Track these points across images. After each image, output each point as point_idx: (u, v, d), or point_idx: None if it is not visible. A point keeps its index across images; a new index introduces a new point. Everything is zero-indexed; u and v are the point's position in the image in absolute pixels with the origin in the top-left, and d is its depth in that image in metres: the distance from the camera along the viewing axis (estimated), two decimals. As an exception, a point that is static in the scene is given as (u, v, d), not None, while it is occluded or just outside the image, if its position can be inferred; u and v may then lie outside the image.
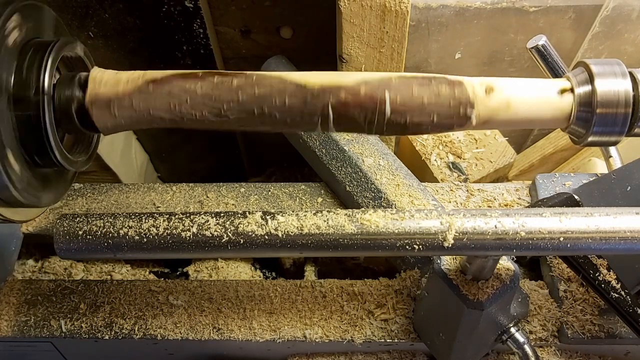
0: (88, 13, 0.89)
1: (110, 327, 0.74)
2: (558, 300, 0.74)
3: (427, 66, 1.01)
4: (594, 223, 0.49)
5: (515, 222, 0.49)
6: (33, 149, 0.49)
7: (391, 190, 0.78)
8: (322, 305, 0.74)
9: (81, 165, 0.55)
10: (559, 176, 0.83)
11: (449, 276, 0.60)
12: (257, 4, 0.91)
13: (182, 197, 0.84)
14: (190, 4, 0.87)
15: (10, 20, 0.46)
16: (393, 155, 0.83)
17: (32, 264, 0.84)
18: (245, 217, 0.49)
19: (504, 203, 0.83)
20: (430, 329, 0.70)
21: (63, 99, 0.50)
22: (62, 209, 0.83)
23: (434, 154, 0.97)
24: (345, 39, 0.78)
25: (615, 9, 0.94)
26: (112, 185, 0.86)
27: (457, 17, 0.92)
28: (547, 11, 0.93)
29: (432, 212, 0.49)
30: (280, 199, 0.83)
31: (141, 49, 0.96)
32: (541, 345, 0.73)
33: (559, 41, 0.98)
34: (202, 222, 0.50)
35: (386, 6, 0.73)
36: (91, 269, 0.84)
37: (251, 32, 0.97)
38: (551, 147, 1.10)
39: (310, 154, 0.85)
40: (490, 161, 0.97)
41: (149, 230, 0.50)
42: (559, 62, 0.75)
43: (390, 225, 0.48)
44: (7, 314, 0.74)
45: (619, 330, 0.71)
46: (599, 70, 0.50)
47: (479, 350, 0.69)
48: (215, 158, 1.28)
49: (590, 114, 0.50)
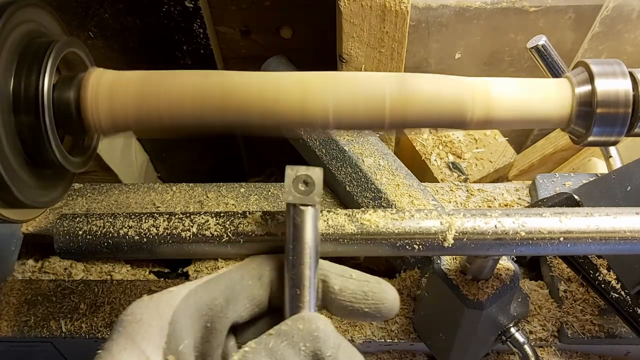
0: (88, 13, 0.89)
1: (110, 327, 0.74)
2: (558, 300, 0.74)
3: (427, 66, 1.01)
4: (594, 223, 0.49)
5: (515, 222, 0.49)
6: (33, 150, 0.49)
7: (391, 190, 0.78)
8: (322, 305, 0.74)
9: (81, 166, 0.54)
10: (559, 176, 0.83)
11: (449, 276, 0.60)
12: (257, 4, 0.91)
13: (182, 197, 0.84)
14: (190, 4, 0.87)
15: (11, 20, 0.46)
16: (393, 155, 0.83)
17: (32, 264, 0.84)
18: (245, 217, 0.49)
19: (504, 203, 0.83)
20: (430, 329, 0.70)
21: (62, 100, 0.50)
22: (62, 209, 0.83)
23: (434, 154, 0.97)
24: (345, 39, 0.78)
25: (615, 9, 0.94)
26: (112, 185, 0.86)
27: (457, 17, 0.92)
28: (547, 11, 0.93)
29: (432, 212, 0.49)
30: (280, 199, 0.83)
31: (141, 49, 0.96)
32: (541, 345, 0.73)
33: (559, 41, 0.98)
34: (202, 222, 0.50)
35: (386, 6, 0.73)
36: (91, 269, 0.84)
37: (251, 32, 0.97)
38: (551, 147, 1.10)
39: (310, 154, 0.85)
40: (490, 161, 0.97)
41: (149, 230, 0.50)
42: (559, 62, 0.75)
43: (390, 225, 0.48)
44: (7, 314, 0.74)
45: (619, 330, 0.71)
46: (599, 70, 0.50)
47: (479, 350, 0.69)
48: (215, 158, 1.28)
49: (590, 114, 0.50)
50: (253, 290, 0.44)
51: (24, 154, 0.49)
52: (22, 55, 0.48)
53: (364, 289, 0.45)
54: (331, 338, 0.41)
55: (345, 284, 0.45)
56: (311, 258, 0.44)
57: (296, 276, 0.44)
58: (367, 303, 0.44)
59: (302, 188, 0.44)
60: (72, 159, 0.53)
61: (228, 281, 0.44)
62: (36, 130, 0.48)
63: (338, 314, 0.45)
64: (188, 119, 0.51)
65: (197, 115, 0.51)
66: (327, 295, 0.45)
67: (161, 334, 0.40)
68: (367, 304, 0.44)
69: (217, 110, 0.51)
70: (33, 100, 0.47)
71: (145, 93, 0.50)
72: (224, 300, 0.42)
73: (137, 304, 0.42)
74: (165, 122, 0.51)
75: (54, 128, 0.49)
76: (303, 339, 0.40)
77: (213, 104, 0.50)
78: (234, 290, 0.43)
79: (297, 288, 0.44)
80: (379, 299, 0.44)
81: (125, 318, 0.41)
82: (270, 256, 0.46)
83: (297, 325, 0.41)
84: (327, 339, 0.40)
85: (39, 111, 0.47)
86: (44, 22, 0.52)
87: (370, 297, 0.44)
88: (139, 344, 0.40)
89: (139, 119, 0.51)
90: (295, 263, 0.44)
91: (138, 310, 0.42)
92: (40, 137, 0.48)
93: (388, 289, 0.45)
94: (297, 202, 0.44)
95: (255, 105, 0.50)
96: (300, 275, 0.44)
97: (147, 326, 0.40)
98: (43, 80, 0.47)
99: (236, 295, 0.43)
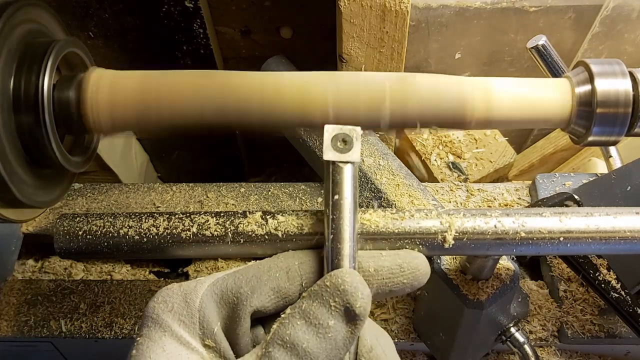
0: (88, 13, 0.89)
1: (110, 327, 0.74)
2: (558, 300, 0.74)
3: (427, 66, 1.01)
4: (594, 223, 0.49)
5: (515, 222, 0.49)
6: (33, 149, 0.49)
7: (391, 190, 0.78)
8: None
9: (81, 166, 0.54)
10: (559, 176, 0.83)
11: (449, 276, 0.60)
12: (257, 4, 0.91)
13: (182, 197, 0.84)
14: (190, 4, 0.87)
15: (11, 20, 0.46)
16: (393, 155, 0.83)
17: (32, 264, 0.84)
18: (245, 217, 0.49)
19: (504, 203, 0.83)
20: (430, 329, 0.70)
21: (63, 99, 0.50)
22: (62, 209, 0.83)
23: (434, 154, 0.97)
24: (345, 39, 0.78)
25: (615, 9, 0.94)
26: (112, 185, 0.86)
27: (457, 17, 0.92)
28: (547, 11, 0.93)
29: (432, 211, 0.49)
30: (280, 199, 0.83)
31: (141, 49, 0.96)
32: (541, 345, 0.73)
33: (559, 41, 0.98)
34: (202, 222, 0.50)
35: (386, 6, 0.73)
36: (91, 269, 0.84)
37: (251, 32, 0.97)
38: (551, 147, 1.10)
39: (310, 154, 0.85)
40: (490, 161, 0.97)
41: (149, 230, 0.50)
42: (559, 62, 0.75)
43: (390, 225, 0.48)
44: (7, 314, 0.74)
45: (619, 330, 0.71)
46: (598, 70, 0.50)
47: (479, 350, 0.69)
48: (215, 158, 1.28)
49: (590, 114, 0.50)
50: (279, 282, 0.44)
51: (24, 153, 0.49)
52: (22, 55, 0.48)
53: (398, 261, 0.46)
54: (359, 289, 0.41)
55: (379, 263, 0.46)
56: (350, 213, 0.44)
57: (335, 231, 0.44)
58: (405, 274, 0.46)
59: (340, 146, 0.45)
60: (72, 158, 0.53)
61: (255, 271, 0.45)
62: (36, 130, 0.48)
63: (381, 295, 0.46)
64: (188, 119, 0.51)
65: (197, 115, 0.51)
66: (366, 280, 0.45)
67: (194, 320, 0.42)
68: (405, 275, 0.46)
69: (217, 110, 0.51)
70: (33, 100, 0.47)
71: (145, 93, 0.50)
72: (249, 289, 0.44)
73: (167, 292, 0.44)
74: (165, 121, 0.51)
75: (54, 128, 0.49)
76: (332, 295, 0.41)
77: (213, 103, 0.50)
78: (260, 280, 0.44)
79: (338, 242, 0.44)
80: (414, 267, 0.46)
81: (157, 305, 0.43)
82: (303, 251, 0.47)
83: (325, 283, 0.42)
84: (354, 291, 0.41)
85: (39, 111, 0.47)
86: (44, 22, 0.52)
87: (405, 267, 0.46)
88: (176, 331, 0.42)
89: (139, 119, 0.51)
90: (334, 218, 0.44)
91: (169, 299, 0.43)
92: (40, 137, 0.48)
93: (418, 255, 0.47)
94: (335, 159, 0.44)
95: (256, 105, 0.50)
96: (340, 230, 0.44)
97: (180, 313, 0.43)
98: (43, 80, 0.47)
99: (262, 285, 0.44)
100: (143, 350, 0.42)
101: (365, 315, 0.41)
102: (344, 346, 0.41)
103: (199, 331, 0.42)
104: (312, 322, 0.41)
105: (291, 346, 0.40)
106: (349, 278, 0.42)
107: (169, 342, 0.42)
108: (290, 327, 0.41)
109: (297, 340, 0.40)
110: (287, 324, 0.41)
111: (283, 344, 0.40)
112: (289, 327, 0.41)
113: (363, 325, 0.41)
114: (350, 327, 0.41)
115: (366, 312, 0.41)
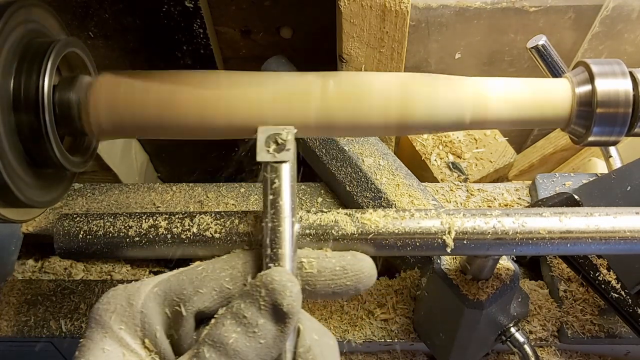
0: (88, 13, 0.89)
1: (110, 327, 0.73)
2: (558, 300, 0.74)
3: (427, 66, 1.01)
4: (594, 223, 0.49)
5: (515, 222, 0.49)
6: (33, 149, 0.49)
7: (391, 190, 0.78)
8: (321, 304, 0.74)
9: (81, 166, 0.54)
10: (559, 176, 0.83)
11: (449, 276, 0.60)
12: (257, 4, 0.91)
13: (182, 197, 0.84)
14: (190, 4, 0.87)
15: (11, 20, 0.46)
16: (393, 155, 0.83)
17: (32, 264, 0.84)
18: (246, 217, 0.49)
19: (504, 203, 0.83)
20: (430, 329, 0.70)
21: (63, 101, 0.50)
22: (62, 209, 0.83)
23: (434, 154, 0.97)
24: (345, 39, 0.78)
25: (615, 9, 0.94)
26: (112, 185, 0.86)
27: (457, 17, 0.92)
28: (547, 11, 0.93)
29: (432, 211, 0.49)
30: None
31: (141, 49, 0.96)
32: (541, 345, 0.73)
33: (559, 41, 0.98)
34: (202, 222, 0.50)
35: (386, 6, 0.73)
36: (91, 269, 0.84)
37: (251, 32, 0.97)
38: (551, 147, 1.10)
39: (310, 154, 0.85)
40: (490, 161, 0.97)
41: (149, 230, 0.50)
42: (559, 62, 0.75)
43: (390, 225, 0.48)
44: (7, 314, 0.74)
45: (619, 330, 0.71)
46: (599, 70, 0.50)
47: (479, 350, 0.69)
48: (215, 158, 1.28)
49: (590, 114, 0.50)
50: (222, 282, 0.44)
51: (24, 153, 0.49)
52: (22, 55, 0.48)
53: (342, 263, 0.46)
54: (287, 287, 0.41)
55: (322, 264, 0.45)
56: (288, 213, 0.44)
57: (273, 231, 0.44)
58: (348, 276, 0.45)
59: (274, 146, 0.45)
60: (72, 158, 0.52)
61: (199, 272, 0.44)
62: (36, 130, 0.48)
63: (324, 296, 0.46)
64: (189, 120, 0.51)
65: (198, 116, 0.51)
66: (309, 280, 0.45)
67: (135, 321, 0.42)
68: (348, 277, 0.45)
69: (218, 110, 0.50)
70: (33, 100, 0.47)
71: (145, 96, 0.50)
72: (192, 289, 0.43)
73: (112, 294, 0.44)
74: (166, 123, 0.51)
75: (54, 128, 0.48)
76: (261, 294, 0.41)
77: (214, 104, 0.50)
78: (203, 281, 0.44)
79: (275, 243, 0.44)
80: (358, 269, 0.46)
81: (101, 307, 0.43)
82: (248, 251, 0.47)
83: (256, 282, 0.42)
84: (282, 289, 0.41)
85: (39, 111, 0.47)
86: (44, 22, 0.52)
87: (349, 269, 0.45)
88: (117, 333, 0.42)
89: (139, 122, 0.51)
90: (272, 219, 0.44)
91: (113, 300, 0.43)
92: (41, 137, 0.48)
93: (363, 257, 0.47)
94: (269, 160, 0.45)
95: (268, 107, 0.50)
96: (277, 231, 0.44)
97: (122, 315, 0.42)
98: (43, 80, 0.47)
99: (204, 285, 0.44)
100: (84, 352, 0.42)
101: (294, 313, 0.41)
102: (274, 345, 0.41)
103: (140, 333, 0.42)
104: (242, 321, 0.41)
105: (221, 345, 0.40)
106: (278, 276, 0.41)
107: (110, 344, 0.42)
108: (221, 326, 0.41)
109: (227, 339, 0.40)
110: (218, 324, 0.41)
111: (213, 344, 0.40)
112: (219, 327, 0.41)
113: (293, 323, 0.41)
114: (280, 325, 0.41)
115: (295, 309, 0.41)
